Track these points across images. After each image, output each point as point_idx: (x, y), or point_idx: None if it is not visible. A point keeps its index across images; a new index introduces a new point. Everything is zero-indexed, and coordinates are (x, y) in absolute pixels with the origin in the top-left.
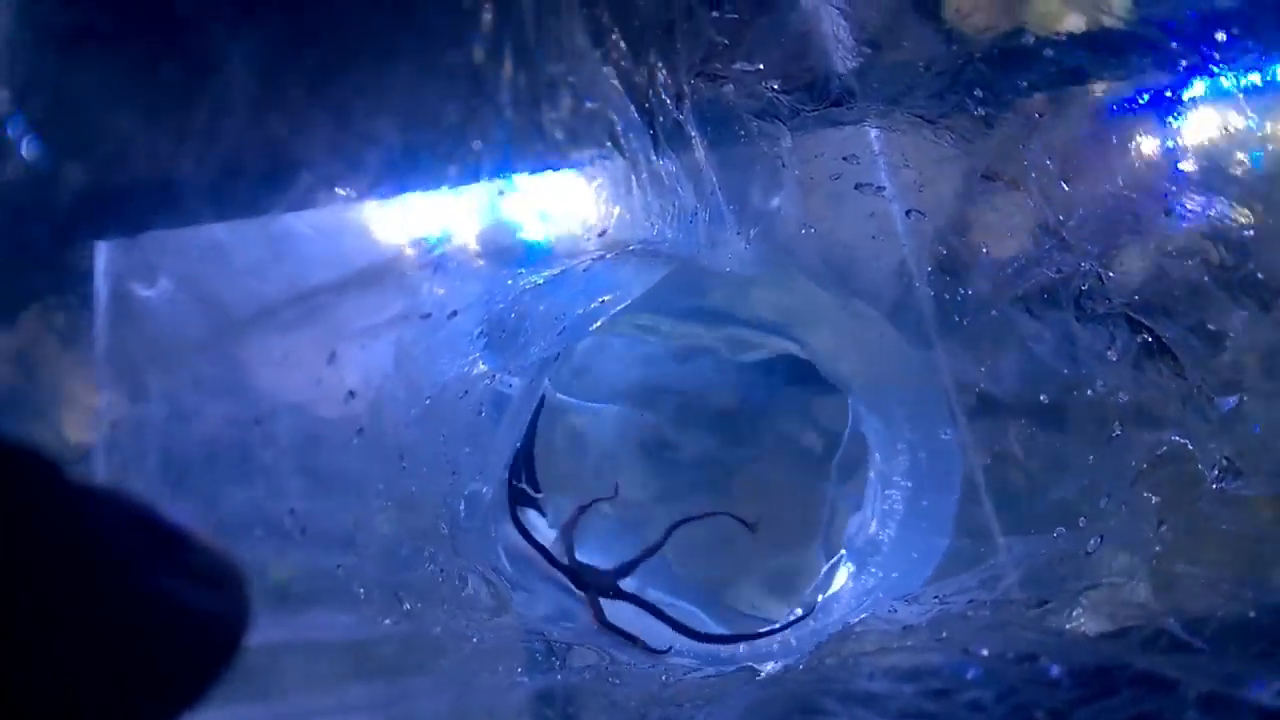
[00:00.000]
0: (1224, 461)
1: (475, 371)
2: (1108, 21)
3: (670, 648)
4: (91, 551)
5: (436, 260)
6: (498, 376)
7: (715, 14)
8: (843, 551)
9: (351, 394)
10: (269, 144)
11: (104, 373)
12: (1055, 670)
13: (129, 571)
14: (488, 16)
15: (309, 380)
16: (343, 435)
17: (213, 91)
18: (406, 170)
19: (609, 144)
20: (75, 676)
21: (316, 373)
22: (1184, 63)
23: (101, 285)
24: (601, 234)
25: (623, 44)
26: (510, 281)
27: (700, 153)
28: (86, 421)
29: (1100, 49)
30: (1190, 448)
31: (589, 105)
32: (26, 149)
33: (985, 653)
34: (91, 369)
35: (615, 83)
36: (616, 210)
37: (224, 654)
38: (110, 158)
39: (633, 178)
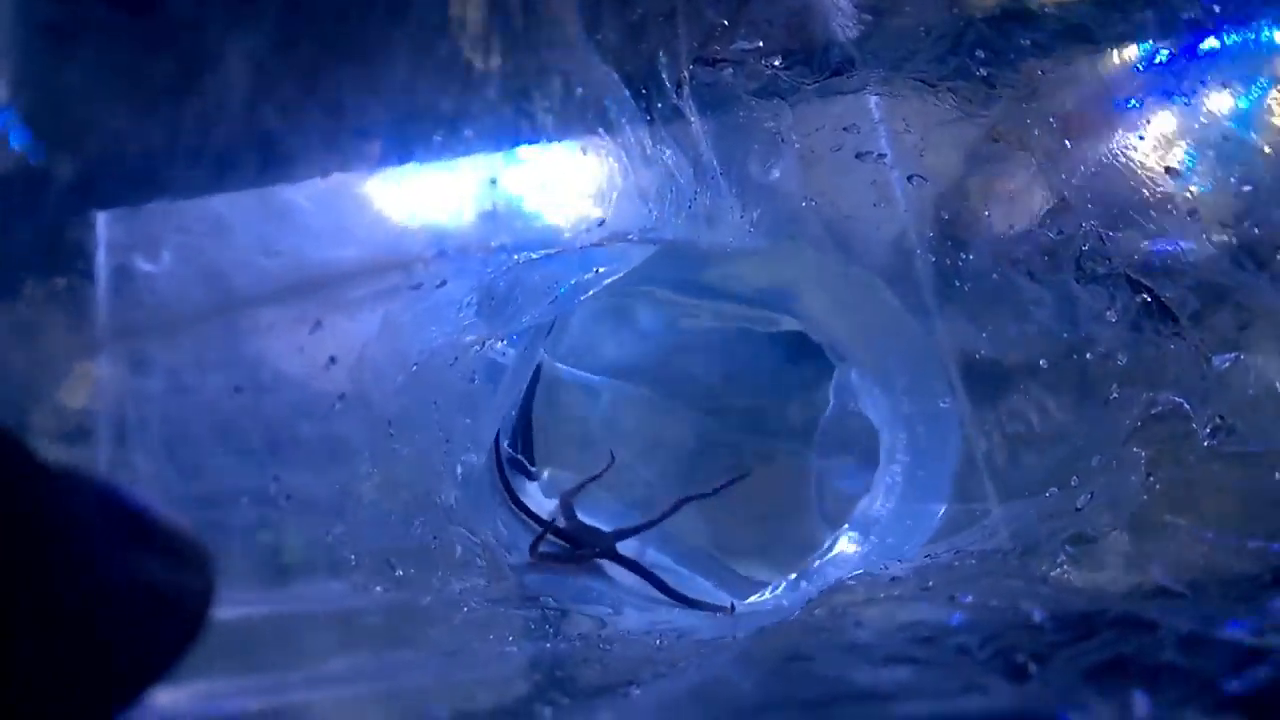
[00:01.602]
0: (1218, 419)
1: (465, 339)
2: None
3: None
4: (54, 527)
5: (432, 249)
6: (488, 343)
7: None
8: (846, 526)
9: (333, 360)
10: (264, 132)
11: (104, 344)
12: (1038, 615)
13: (92, 546)
14: (481, 3)
15: (294, 348)
16: (326, 402)
17: (212, 68)
18: (400, 157)
19: (603, 130)
20: (39, 651)
21: (300, 341)
22: (1187, 17)
23: (102, 258)
24: (600, 222)
25: (621, 31)
26: (504, 256)
27: (699, 137)
28: (86, 393)
29: (1103, 6)
30: (1186, 406)
31: (584, 92)
32: (24, 138)
33: (970, 600)
34: (92, 341)
35: (610, 69)
36: (614, 197)
37: (189, 628)
38: (111, 133)
39: (629, 163)
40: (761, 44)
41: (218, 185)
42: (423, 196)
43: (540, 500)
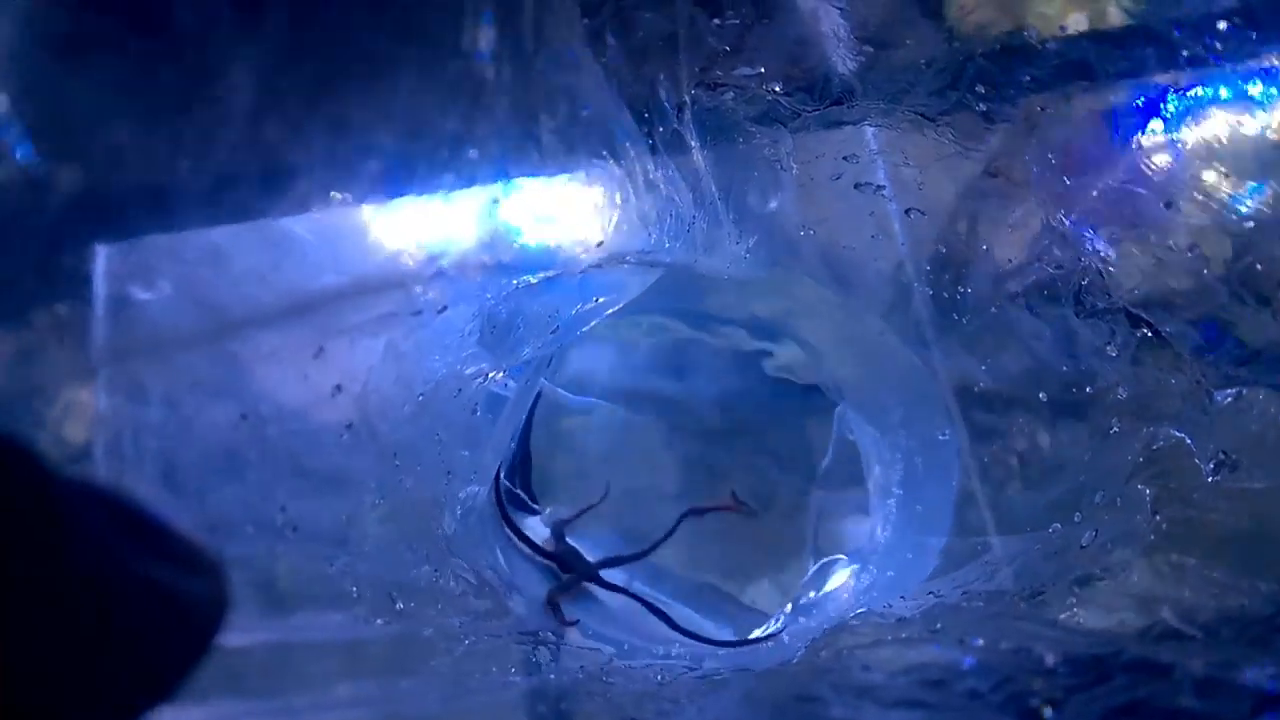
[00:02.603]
0: (1221, 455)
1: (468, 370)
2: (1112, 16)
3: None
4: (66, 540)
5: (432, 267)
6: (490, 375)
7: (717, 21)
8: (841, 557)
9: (338, 388)
10: (268, 151)
11: (102, 375)
12: (1050, 658)
13: (104, 560)
14: (488, 27)
15: (298, 377)
16: (332, 432)
17: (213, 99)
18: (404, 177)
19: (606, 154)
20: (48, 664)
21: (304, 368)
22: (1186, 53)
23: (100, 288)
24: (599, 245)
25: (624, 55)
26: (504, 281)
27: (699, 161)
28: (84, 423)
29: (1103, 43)
30: (1188, 441)
31: (587, 114)
32: (27, 154)
33: (980, 642)
34: (89, 371)
35: (614, 93)
36: (614, 220)
37: (200, 643)
38: (110, 162)
39: (630, 188)
40: (763, 70)
41: (221, 208)
42: (424, 217)
43: (540, 533)
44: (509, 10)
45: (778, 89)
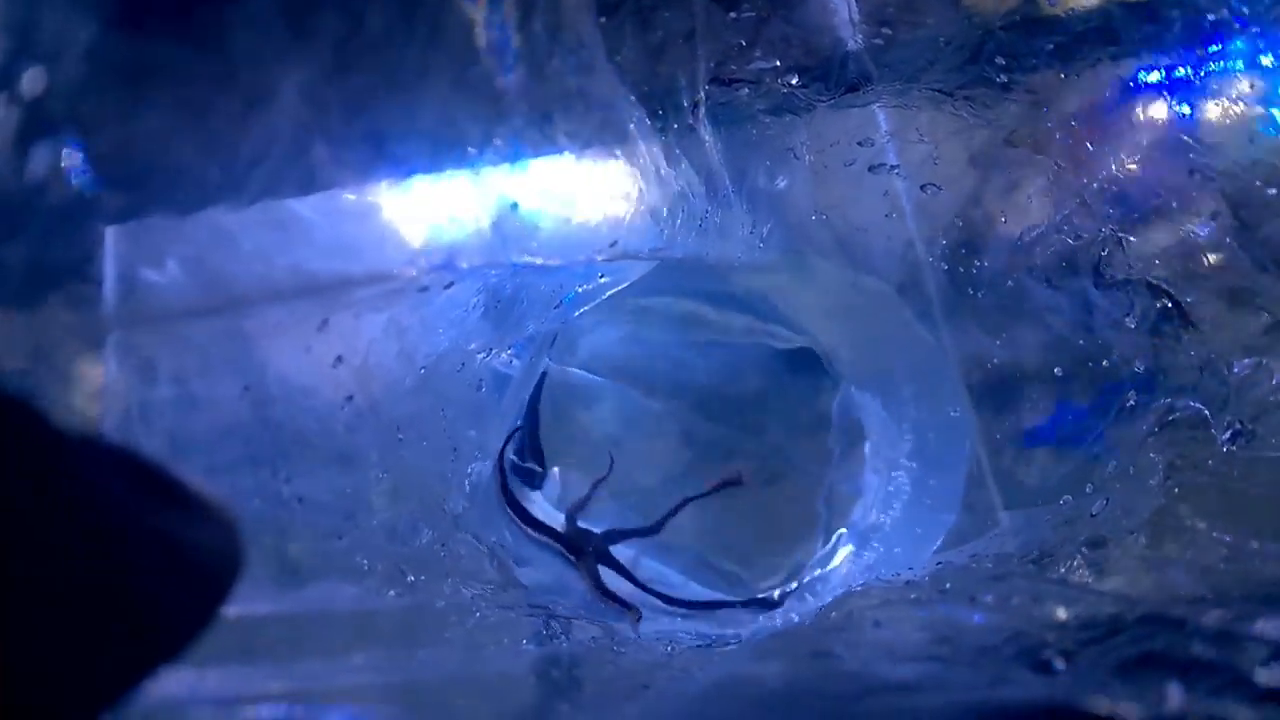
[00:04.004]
0: (1238, 424)
1: (471, 344)
2: None
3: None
4: (77, 495)
5: (442, 262)
6: (494, 350)
7: (733, 15)
8: (842, 531)
9: (339, 359)
10: (286, 136)
11: (111, 354)
12: (1062, 613)
13: (115, 514)
14: (506, 26)
15: (301, 350)
16: (334, 404)
17: (229, 84)
18: (419, 169)
19: (620, 152)
20: (56, 620)
21: (308, 342)
22: (1213, 19)
23: (110, 270)
24: (613, 244)
25: (641, 53)
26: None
27: (713, 155)
28: (94, 402)
29: (1127, 9)
30: (1205, 412)
31: (603, 115)
32: (53, 143)
33: (989, 599)
34: (99, 351)
35: (631, 92)
36: (628, 218)
37: (213, 600)
38: (123, 146)
39: (644, 185)
40: (778, 63)
41: (233, 188)
42: (436, 211)
43: (546, 507)
44: (526, 10)
45: (794, 81)
